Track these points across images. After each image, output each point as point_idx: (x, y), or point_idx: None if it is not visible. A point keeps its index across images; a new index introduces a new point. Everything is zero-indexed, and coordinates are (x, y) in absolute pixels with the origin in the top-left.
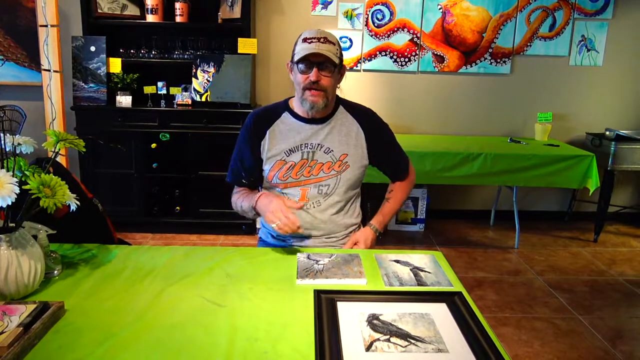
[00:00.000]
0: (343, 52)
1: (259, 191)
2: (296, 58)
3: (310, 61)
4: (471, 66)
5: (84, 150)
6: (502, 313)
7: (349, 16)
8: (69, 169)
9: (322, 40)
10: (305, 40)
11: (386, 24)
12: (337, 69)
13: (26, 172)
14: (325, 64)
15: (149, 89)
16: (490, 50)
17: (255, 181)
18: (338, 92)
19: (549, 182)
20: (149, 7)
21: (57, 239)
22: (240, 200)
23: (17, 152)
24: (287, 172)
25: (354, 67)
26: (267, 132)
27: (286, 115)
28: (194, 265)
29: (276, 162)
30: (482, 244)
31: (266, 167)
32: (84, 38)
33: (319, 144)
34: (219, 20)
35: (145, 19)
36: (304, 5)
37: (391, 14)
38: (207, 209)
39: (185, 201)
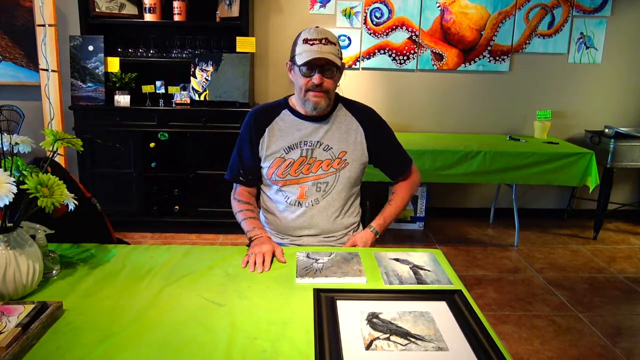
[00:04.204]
0: (342, 51)
1: (257, 190)
2: (299, 61)
3: (313, 64)
4: (470, 64)
5: (82, 149)
6: (502, 311)
7: (348, 14)
8: (67, 168)
9: (323, 41)
10: (306, 41)
11: (385, 22)
12: (338, 69)
13: (24, 172)
14: (328, 66)
15: (147, 88)
16: (489, 48)
17: (253, 179)
18: (337, 91)
19: (548, 180)
20: (147, 6)
21: (56, 238)
22: (241, 217)
23: (15, 151)
24: (285, 169)
25: (353, 66)
26: (267, 129)
27: (286, 113)
28: (193, 265)
29: (275, 159)
30: (481, 242)
31: (265, 164)
32: (81, 37)
33: (318, 142)
34: (217, 19)
35: (143, 18)
36: (303, 3)
37: (390, 12)
38: (206, 208)
39: (184, 200)
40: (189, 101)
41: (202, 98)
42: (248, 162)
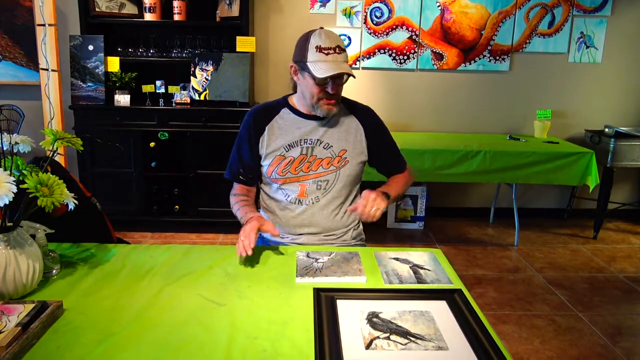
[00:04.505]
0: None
1: (257, 189)
2: (316, 73)
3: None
4: (470, 64)
5: (81, 149)
6: (502, 310)
7: (348, 14)
8: (67, 168)
9: (337, 50)
10: (320, 50)
11: (385, 21)
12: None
13: (24, 171)
14: (342, 76)
15: (147, 88)
16: (489, 48)
17: (253, 178)
18: None
19: (548, 180)
20: (147, 5)
21: (56, 238)
22: (237, 207)
23: (15, 151)
24: (285, 167)
25: (353, 65)
26: (266, 127)
27: (285, 111)
28: (193, 264)
29: (275, 157)
30: (481, 242)
31: (265, 162)
32: (81, 37)
33: (318, 140)
34: (217, 19)
35: (143, 18)
36: (303, 3)
37: (390, 11)
38: (206, 207)
39: (185, 200)
40: (189, 101)
41: (202, 98)
42: (248, 161)
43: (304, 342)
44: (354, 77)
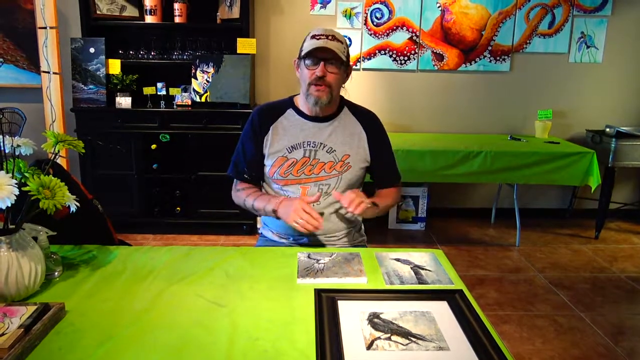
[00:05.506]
0: (349, 53)
1: (261, 186)
2: (303, 53)
3: (317, 57)
4: (470, 64)
5: (83, 151)
6: (503, 311)
7: (348, 15)
8: (69, 170)
9: (330, 37)
10: (313, 37)
11: (385, 22)
12: (344, 67)
13: (26, 174)
14: (332, 60)
15: (148, 90)
16: (489, 48)
17: (256, 176)
18: (343, 93)
19: (549, 180)
20: (148, 8)
21: (58, 240)
22: (251, 199)
23: (17, 153)
24: (288, 168)
25: (353, 66)
26: (271, 127)
27: (290, 112)
28: (194, 266)
29: (278, 158)
30: (482, 242)
31: (268, 162)
32: (83, 40)
33: (321, 143)
34: (218, 21)
35: (144, 20)
36: (303, 4)
37: (390, 12)
38: (207, 209)
39: (186, 202)
40: (190, 103)
41: (203, 99)
42: (251, 158)
43: (305, 343)
44: (343, 61)
